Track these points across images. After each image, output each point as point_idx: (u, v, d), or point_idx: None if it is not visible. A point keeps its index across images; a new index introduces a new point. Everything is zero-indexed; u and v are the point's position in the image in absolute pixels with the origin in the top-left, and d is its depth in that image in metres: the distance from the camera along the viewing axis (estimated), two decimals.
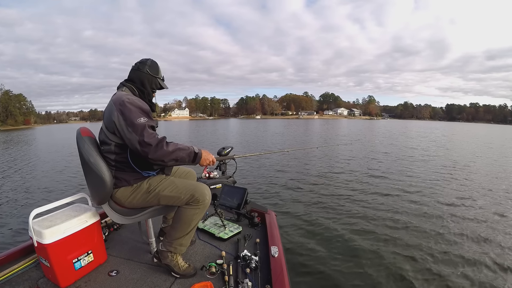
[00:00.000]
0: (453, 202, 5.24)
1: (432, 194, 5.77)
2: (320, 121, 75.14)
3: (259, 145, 15.29)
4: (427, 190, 6.09)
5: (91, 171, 1.41)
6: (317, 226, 4.10)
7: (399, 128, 39.69)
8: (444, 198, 5.52)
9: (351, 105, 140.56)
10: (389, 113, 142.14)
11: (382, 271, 2.96)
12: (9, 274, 1.47)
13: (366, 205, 5.05)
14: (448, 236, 3.77)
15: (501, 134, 32.59)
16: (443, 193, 5.88)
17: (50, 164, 10.24)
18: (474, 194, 5.84)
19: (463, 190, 6.22)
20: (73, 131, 1.56)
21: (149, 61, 1.57)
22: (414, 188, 6.27)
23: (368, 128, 38.45)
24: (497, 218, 4.47)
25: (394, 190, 6.04)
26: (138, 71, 1.55)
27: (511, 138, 25.97)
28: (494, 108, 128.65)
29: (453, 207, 4.99)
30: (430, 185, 6.58)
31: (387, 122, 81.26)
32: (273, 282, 1.38)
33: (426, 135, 24.83)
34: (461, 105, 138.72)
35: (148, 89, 1.57)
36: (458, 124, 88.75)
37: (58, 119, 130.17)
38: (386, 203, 5.17)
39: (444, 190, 6.13)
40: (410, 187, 6.31)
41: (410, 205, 5.07)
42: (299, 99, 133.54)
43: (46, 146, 18.17)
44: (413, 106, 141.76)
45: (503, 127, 74.02)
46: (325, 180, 7.02)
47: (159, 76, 1.59)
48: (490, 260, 3.17)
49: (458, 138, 22.78)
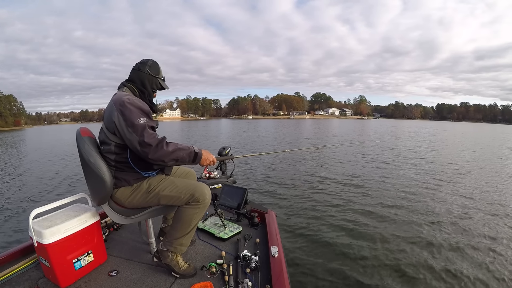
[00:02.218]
0: (462, 204, 5.24)
1: (436, 194, 5.78)
2: (312, 121, 75.24)
3: (253, 146, 15.28)
4: (428, 191, 6.09)
5: (91, 171, 1.41)
6: (317, 226, 4.10)
7: (393, 128, 39.72)
8: (451, 198, 5.53)
9: (342, 105, 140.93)
10: (380, 113, 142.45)
11: (382, 270, 2.96)
12: (9, 274, 1.47)
13: (366, 205, 5.06)
14: (451, 237, 3.78)
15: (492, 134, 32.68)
16: (448, 194, 5.89)
17: (50, 164, 10.24)
18: (480, 196, 5.85)
19: (474, 193, 6.23)
20: (66, 132, 1.55)
21: (150, 61, 1.57)
22: (414, 188, 6.27)
23: (360, 128, 38.44)
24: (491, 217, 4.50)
25: (395, 191, 6.04)
26: (139, 71, 1.54)
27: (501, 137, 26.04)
28: (484, 107, 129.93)
29: (460, 209, 5.00)
30: (434, 185, 6.59)
31: (378, 121, 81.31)
32: (273, 282, 1.38)
33: (422, 135, 24.84)
34: (451, 105, 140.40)
35: (148, 89, 1.56)
36: (449, 123, 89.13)
37: (49, 120, 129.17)
38: (386, 203, 5.17)
39: (454, 191, 6.14)
40: (410, 187, 6.32)
41: (410, 205, 5.07)
42: (291, 99, 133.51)
43: (43, 146, 18.20)
44: (404, 105, 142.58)
45: (493, 126, 75.50)
46: (325, 180, 7.02)
47: (159, 76, 1.59)
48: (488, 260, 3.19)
49: (461, 138, 22.81)
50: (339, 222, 4.22)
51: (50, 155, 13.16)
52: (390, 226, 4.09)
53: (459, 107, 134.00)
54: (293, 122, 65.84)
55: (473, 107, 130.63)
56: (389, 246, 3.49)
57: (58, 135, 28.28)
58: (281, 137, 21.08)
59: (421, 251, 3.36)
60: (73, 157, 10.86)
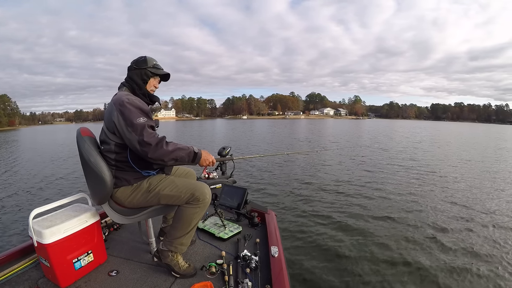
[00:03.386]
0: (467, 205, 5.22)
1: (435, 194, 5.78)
2: (307, 121, 75.16)
3: (249, 148, 15.28)
4: (427, 190, 6.09)
5: (91, 171, 1.41)
6: (317, 226, 4.10)
7: (389, 128, 39.63)
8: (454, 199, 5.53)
9: (337, 105, 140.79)
10: (375, 113, 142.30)
11: (382, 271, 2.96)
12: (9, 274, 1.47)
13: (366, 205, 5.06)
14: (452, 237, 3.78)
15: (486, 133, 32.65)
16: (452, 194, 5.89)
17: (50, 164, 10.24)
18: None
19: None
20: (61, 132, 1.55)
21: (138, 57, 1.58)
22: (414, 188, 6.27)
23: (356, 128, 38.37)
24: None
25: (395, 190, 6.04)
26: (128, 71, 1.56)
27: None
28: (478, 107, 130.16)
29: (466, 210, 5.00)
30: (436, 186, 6.59)
31: (373, 121, 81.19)
32: (273, 282, 1.38)
33: (418, 136, 24.85)
34: (446, 105, 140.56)
35: (139, 82, 1.54)
36: (444, 123, 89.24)
37: (43, 120, 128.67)
38: (386, 203, 5.17)
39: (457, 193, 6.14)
40: (410, 188, 6.32)
41: (411, 205, 5.08)
42: (286, 99, 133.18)
43: (43, 146, 18.21)
44: (399, 105, 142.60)
45: (488, 125, 76.16)
46: (325, 181, 7.02)
47: (147, 66, 1.54)
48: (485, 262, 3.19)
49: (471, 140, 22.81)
50: (339, 222, 4.22)
51: (49, 155, 13.16)
52: (390, 226, 4.09)
53: (454, 107, 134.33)
54: (288, 122, 65.72)
55: (468, 107, 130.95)
56: (389, 246, 3.48)
57: (53, 135, 28.06)
58: (276, 139, 20.63)
59: (421, 251, 3.36)
60: (72, 157, 10.88)
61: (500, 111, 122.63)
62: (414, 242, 3.59)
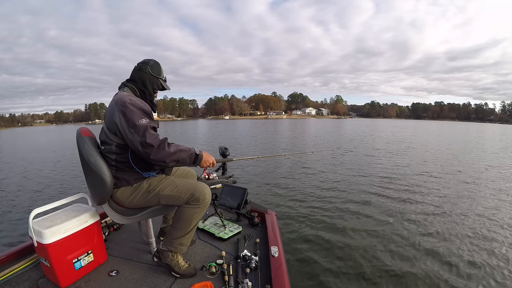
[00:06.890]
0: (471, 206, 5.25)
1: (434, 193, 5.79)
2: (289, 120, 74.91)
3: (242, 149, 15.24)
4: (428, 190, 6.10)
5: (91, 171, 1.41)
6: (317, 226, 4.10)
7: (370, 127, 39.45)
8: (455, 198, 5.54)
9: (319, 105, 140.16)
10: (356, 112, 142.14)
11: (382, 271, 2.96)
12: (9, 274, 1.47)
13: (366, 204, 5.06)
14: (453, 238, 3.78)
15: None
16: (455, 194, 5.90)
17: (50, 164, 10.23)
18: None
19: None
20: (43, 135, 1.53)
21: (151, 61, 1.57)
22: (415, 188, 6.27)
23: (338, 127, 38.31)
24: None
25: (394, 190, 6.04)
26: (140, 71, 1.54)
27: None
28: (458, 106, 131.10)
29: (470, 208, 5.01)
30: (436, 185, 6.59)
31: (355, 121, 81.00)
32: (273, 282, 1.38)
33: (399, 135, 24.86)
34: (426, 104, 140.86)
35: (149, 89, 1.56)
36: (424, 122, 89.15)
37: (23, 122, 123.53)
38: (385, 203, 5.17)
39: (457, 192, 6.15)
40: (410, 187, 6.31)
41: (411, 205, 5.08)
42: (268, 99, 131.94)
43: (43, 146, 18.15)
44: (380, 105, 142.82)
45: (467, 124, 77.66)
46: (325, 181, 7.02)
47: (161, 76, 1.59)
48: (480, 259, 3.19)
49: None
50: (339, 222, 4.22)
51: (49, 154, 13.15)
52: (390, 226, 4.09)
53: (434, 106, 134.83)
54: (270, 122, 65.25)
55: (447, 106, 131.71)
56: (389, 246, 3.49)
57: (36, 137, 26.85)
58: (256, 140, 19.84)
59: (421, 251, 3.37)
60: (74, 157, 10.86)
61: (480, 109, 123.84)
62: (416, 242, 3.59)
